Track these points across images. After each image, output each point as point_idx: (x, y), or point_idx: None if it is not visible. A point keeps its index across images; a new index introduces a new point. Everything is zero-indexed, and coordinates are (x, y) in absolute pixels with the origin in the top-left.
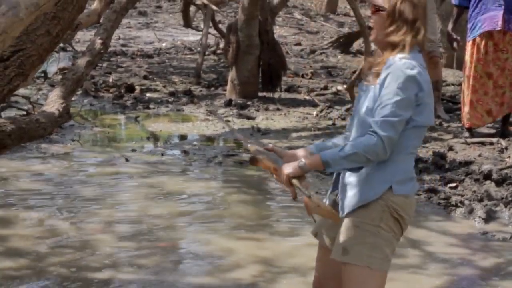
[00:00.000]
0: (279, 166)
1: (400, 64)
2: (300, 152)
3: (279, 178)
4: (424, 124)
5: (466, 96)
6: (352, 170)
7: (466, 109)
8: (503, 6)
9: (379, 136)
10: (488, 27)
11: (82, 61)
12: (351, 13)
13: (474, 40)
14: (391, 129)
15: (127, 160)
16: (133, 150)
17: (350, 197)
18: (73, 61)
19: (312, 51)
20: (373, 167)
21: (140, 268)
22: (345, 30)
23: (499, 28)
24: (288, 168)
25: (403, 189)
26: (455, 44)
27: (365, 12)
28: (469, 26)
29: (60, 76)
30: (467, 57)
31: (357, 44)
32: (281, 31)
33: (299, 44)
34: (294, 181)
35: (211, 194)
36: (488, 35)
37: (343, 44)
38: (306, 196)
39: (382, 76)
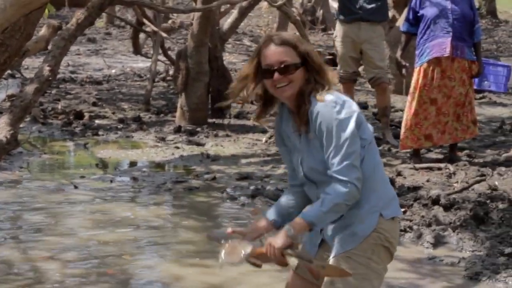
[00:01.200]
0: (260, 246)
1: (328, 110)
2: (261, 223)
3: (267, 259)
4: (371, 136)
5: (405, 119)
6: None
7: (403, 130)
8: (451, 33)
9: (349, 182)
10: (436, 53)
11: (30, 88)
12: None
13: (421, 66)
14: (355, 170)
15: (75, 187)
16: (82, 177)
17: (346, 237)
18: (21, 88)
19: None
20: (357, 204)
21: None
22: None
23: (447, 55)
24: (278, 242)
25: (391, 212)
26: (404, 71)
27: (314, 38)
28: (417, 52)
29: (8, 103)
30: (413, 83)
31: None
32: (230, 58)
33: None
34: (288, 251)
35: (160, 221)
36: (436, 61)
37: None
38: (309, 263)
39: (315, 127)
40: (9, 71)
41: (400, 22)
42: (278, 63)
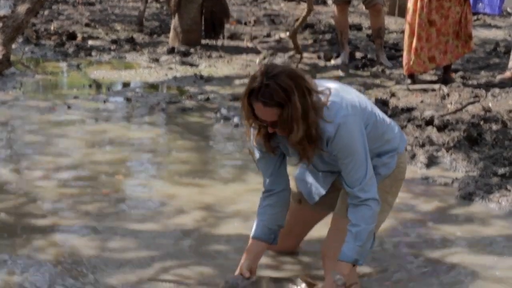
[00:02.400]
0: None
1: (342, 129)
2: (255, 250)
3: None
4: (370, 104)
5: (408, 43)
6: None
7: (409, 56)
8: None
9: (372, 199)
10: None
11: (22, 9)
12: None
13: None
14: (373, 182)
15: (69, 107)
16: (75, 98)
17: None
18: (13, 9)
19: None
20: (377, 156)
21: (82, 215)
22: None
23: None
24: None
25: (402, 145)
26: None
27: None
28: None
29: (0, 24)
30: (410, 5)
31: None
32: None
33: None
34: None
35: (153, 141)
36: None
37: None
38: None
39: (329, 147)
40: None
41: None
42: (269, 122)
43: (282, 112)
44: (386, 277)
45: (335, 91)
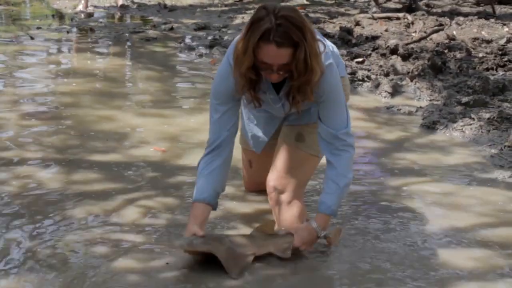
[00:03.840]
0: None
1: (332, 77)
2: (200, 213)
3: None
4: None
5: None
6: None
7: None
8: None
9: (353, 144)
10: None
11: None
12: None
13: None
14: (351, 133)
15: (32, 38)
16: (39, 28)
17: None
18: None
19: None
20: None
21: (46, 147)
22: None
23: None
24: (311, 245)
25: (343, 68)
26: None
27: None
28: None
29: None
30: None
31: None
32: None
33: None
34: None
35: (117, 71)
36: None
37: None
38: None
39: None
40: None
41: None
42: (277, 66)
43: (296, 51)
44: (347, 206)
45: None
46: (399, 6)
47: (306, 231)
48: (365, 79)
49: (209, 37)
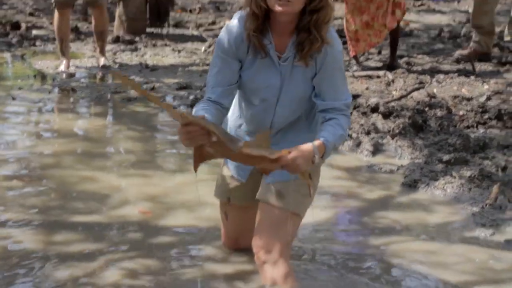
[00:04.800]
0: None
1: (338, 52)
2: None
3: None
4: None
5: (349, 25)
6: (282, 142)
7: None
8: None
9: (349, 116)
10: None
11: None
12: None
13: None
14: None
15: (13, 98)
16: (20, 88)
17: None
18: None
19: None
20: (308, 128)
21: (28, 208)
22: None
23: None
24: (304, 166)
25: None
26: None
27: None
28: None
29: None
30: None
31: None
32: None
33: None
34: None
35: (99, 131)
36: None
37: None
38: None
39: (324, 63)
40: None
41: None
42: None
43: None
44: (330, 265)
45: None
46: (379, 64)
47: (305, 147)
48: (346, 138)
49: (191, 97)
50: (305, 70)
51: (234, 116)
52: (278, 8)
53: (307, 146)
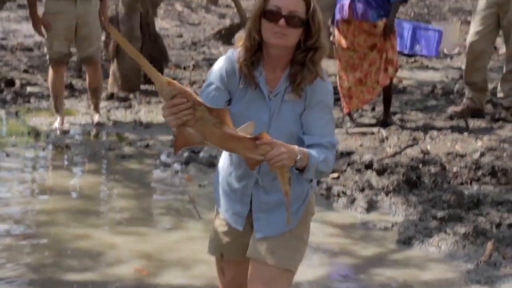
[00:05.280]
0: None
1: (329, 88)
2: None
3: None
4: None
5: (342, 82)
6: (272, 189)
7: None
8: None
9: (334, 155)
10: (338, 15)
11: None
12: (233, 4)
13: (337, 28)
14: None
15: (7, 155)
16: (14, 145)
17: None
18: None
19: (194, 43)
20: (300, 185)
21: (21, 266)
22: (227, 21)
23: (345, 17)
24: (286, 158)
25: (313, 184)
26: (331, 37)
27: (246, 3)
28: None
29: None
30: (336, 44)
31: (239, 36)
32: (162, 23)
33: (180, 36)
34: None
35: (93, 189)
36: (342, 22)
37: (225, 35)
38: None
39: (315, 98)
40: None
41: None
42: (288, 11)
43: (310, 8)
44: None
45: None
46: (373, 121)
47: (289, 145)
48: (341, 194)
49: (185, 154)
50: (294, 106)
51: (225, 166)
52: (273, 41)
53: (291, 145)
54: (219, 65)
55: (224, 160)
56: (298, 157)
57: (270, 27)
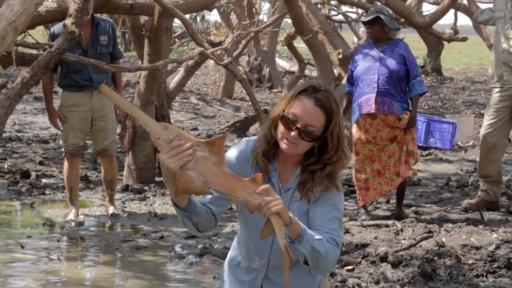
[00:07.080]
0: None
1: (341, 194)
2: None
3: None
4: None
5: (359, 175)
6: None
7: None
8: (376, 89)
9: (337, 249)
10: (364, 110)
11: None
12: (247, 98)
13: (356, 124)
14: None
15: (22, 247)
16: (29, 237)
17: None
18: None
19: (209, 136)
20: (309, 270)
21: None
22: (241, 114)
23: (373, 111)
24: (281, 209)
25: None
26: (346, 131)
27: (261, 96)
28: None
29: None
30: (354, 139)
31: (253, 129)
32: (177, 116)
33: (195, 128)
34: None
35: (107, 281)
36: (365, 117)
37: (240, 128)
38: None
39: (323, 200)
40: None
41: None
42: (304, 124)
43: (329, 126)
44: None
45: None
46: (388, 213)
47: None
48: (355, 287)
49: (199, 246)
50: (301, 204)
51: (232, 256)
52: (282, 146)
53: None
54: (233, 152)
55: (231, 253)
56: (291, 215)
57: (283, 132)
